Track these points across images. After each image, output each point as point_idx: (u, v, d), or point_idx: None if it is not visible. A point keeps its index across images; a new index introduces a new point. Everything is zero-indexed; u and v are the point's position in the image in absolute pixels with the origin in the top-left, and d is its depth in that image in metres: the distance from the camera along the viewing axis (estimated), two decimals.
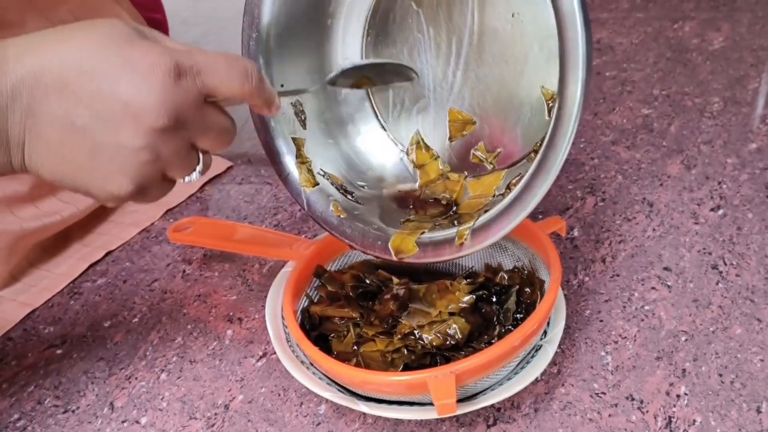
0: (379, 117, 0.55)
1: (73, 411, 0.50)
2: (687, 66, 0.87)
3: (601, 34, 0.98)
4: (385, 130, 0.55)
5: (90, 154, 0.36)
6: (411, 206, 0.51)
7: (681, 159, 0.70)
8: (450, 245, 0.44)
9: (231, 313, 0.57)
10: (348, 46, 0.53)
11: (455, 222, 0.46)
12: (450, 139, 0.52)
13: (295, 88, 0.51)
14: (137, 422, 0.49)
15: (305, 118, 0.52)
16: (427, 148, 0.53)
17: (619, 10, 1.05)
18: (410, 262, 0.46)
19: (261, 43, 0.49)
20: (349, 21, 0.53)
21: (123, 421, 0.49)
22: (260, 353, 0.53)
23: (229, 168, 0.78)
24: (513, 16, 0.45)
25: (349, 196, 0.51)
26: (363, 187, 0.53)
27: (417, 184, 0.53)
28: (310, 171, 0.51)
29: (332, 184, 0.51)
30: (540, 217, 0.64)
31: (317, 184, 0.50)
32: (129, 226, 0.67)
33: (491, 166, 0.50)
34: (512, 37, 0.46)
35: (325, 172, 0.51)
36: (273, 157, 0.50)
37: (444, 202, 0.50)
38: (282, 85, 0.50)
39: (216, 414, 0.49)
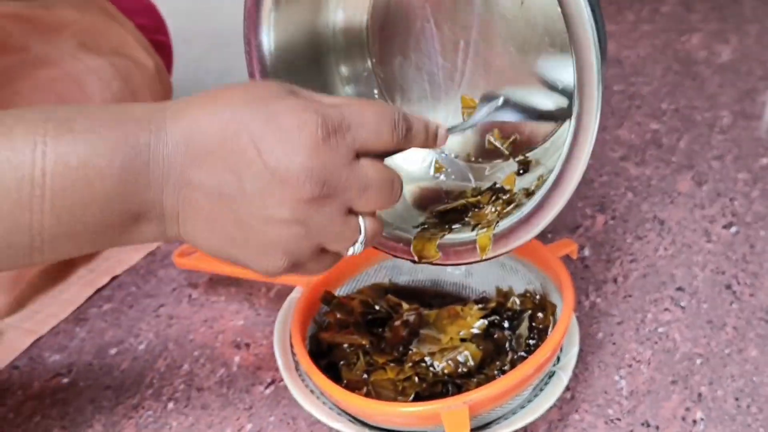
0: None
1: None
2: (695, 79, 0.87)
3: (608, 47, 0.97)
4: None
5: (238, 226, 0.34)
6: (427, 208, 0.50)
7: (691, 175, 0.70)
8: (472, 250, 0.43)
9: (238, 339, 0.57)
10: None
11: (472, 227, 0.45)
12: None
13: None
14: None
15: None
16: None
17: (626, 22, 1.04)
18: (420, 284, 0.45)
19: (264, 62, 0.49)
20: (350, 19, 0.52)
21: None
22: (269, 380, 0.52)
23: None
24: (522, 3, 0.45)
25: None
26: None
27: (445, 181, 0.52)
28: None
29: None
30: (549, 236, 0.63)
31: None
32: (134, 251, 0.67)
33: (507, 152, 0.49)
34: (523, 23, 0.45)
35: None
36: None
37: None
38: None
39: None
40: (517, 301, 0.48)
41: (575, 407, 0.48)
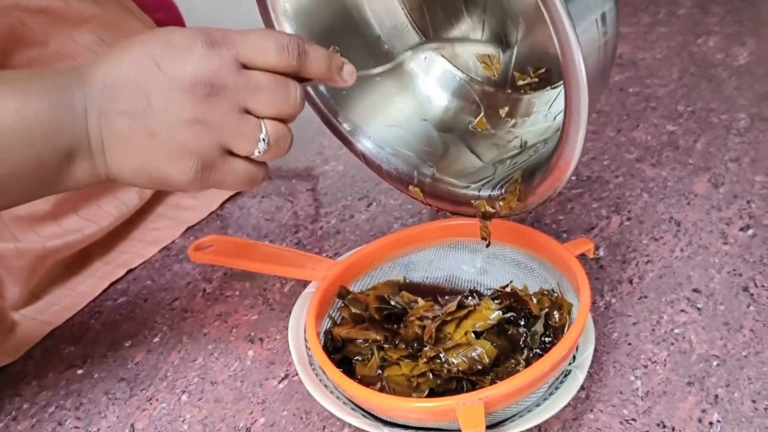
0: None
1: None
2: (712, 81, 0.86)
3: (623, 49, 0.97)
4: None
5: (152, 138, 0.39)
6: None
7: (708, 177, 0.69)
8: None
9: (252, 333, 0.57)
10: None
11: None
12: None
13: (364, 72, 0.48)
14: None
15: None
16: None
17: (641, 24, 1.04)
18: (434, 282, 0.44)
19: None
20: None
21: None
22: (282, 375, 0.52)
23: None
24: None
25: None
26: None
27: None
28: None
29: None
30: (564, 236, 0.63)
31: None
32: (150, 244, 0.67)
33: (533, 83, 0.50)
34: None
35: None
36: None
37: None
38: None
39: None
40: (535, 300, 0.48)
41: (590, 407, 0.47)
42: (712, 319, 0.53)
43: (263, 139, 0.40)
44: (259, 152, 0.41)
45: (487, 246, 0.50)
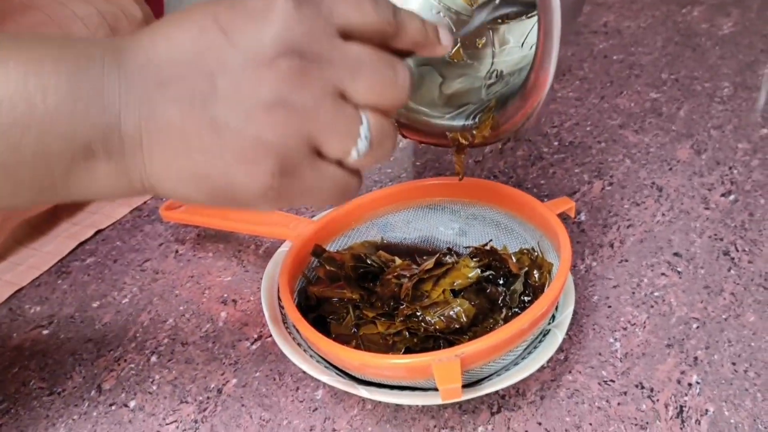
0: None
1: (59, 393, 0.48)
2: (696, 51, 0.85)
3: (608, 18, 0.96)
4: None
5: (215, 132, 0.28)
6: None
7: (691, 144, 0.68)
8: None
9: (225, 295, 0.55)
10: None
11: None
12: None
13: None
14: (126, 405, 0.47)
15: None
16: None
17: None
18: (412, 243, 0.43)
19: None
20: None
21: (111, 404, 0.47)
22: (255, 336, 0.51)
23: None
24: None
25: None
26: None
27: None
28: None
29: None
30: (546, 200, 0.62)
31: None
32: (120, 205, 0.65)
33: None
34: None
35: None
36: None
37: None
38: None
39: (208, 398, 0.46)
40: (514, 259, 0.46)
41: (568, 368, 0.47)
42: (693, 283, 0.53)
43: (365, 136, 0.29)
44: (358, 154, 0.30)
45: (460, 180, 0.48)
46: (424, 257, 0.51)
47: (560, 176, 0.65)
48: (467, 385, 0.41)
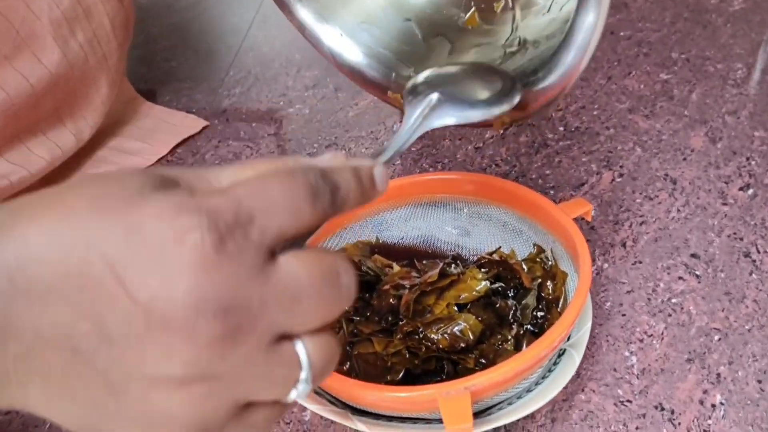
0: None
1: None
2: (707, 28, 0.80)
3: None
4: None
5: (109, 392, 0.22)
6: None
7: (705, 131, 0.64)
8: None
9: None
10: None
11: None
12: None
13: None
14: None
15: None
16: None
17: None
18: (410, 243, 0.38)
19: None
20: None
21: None
22: None
23: (205, 128, 0.70)
24: None
25: None
26: None
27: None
28: None
29: None
30: (551, 193, 0.57)
31: None
32: None
33: None
34: None
35: None
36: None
37: None
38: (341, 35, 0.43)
39: None
40: (526, 268, 0.42)
41: (581, 386, 0.43)
42: (713, 288, 0.49)
43: (306, 372, 0.23)
44: (297, 394, 0.24)
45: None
46: (424, 261, 0.46)
47: (566, 166, 0.61)
48: (476, 414, 0.37)
